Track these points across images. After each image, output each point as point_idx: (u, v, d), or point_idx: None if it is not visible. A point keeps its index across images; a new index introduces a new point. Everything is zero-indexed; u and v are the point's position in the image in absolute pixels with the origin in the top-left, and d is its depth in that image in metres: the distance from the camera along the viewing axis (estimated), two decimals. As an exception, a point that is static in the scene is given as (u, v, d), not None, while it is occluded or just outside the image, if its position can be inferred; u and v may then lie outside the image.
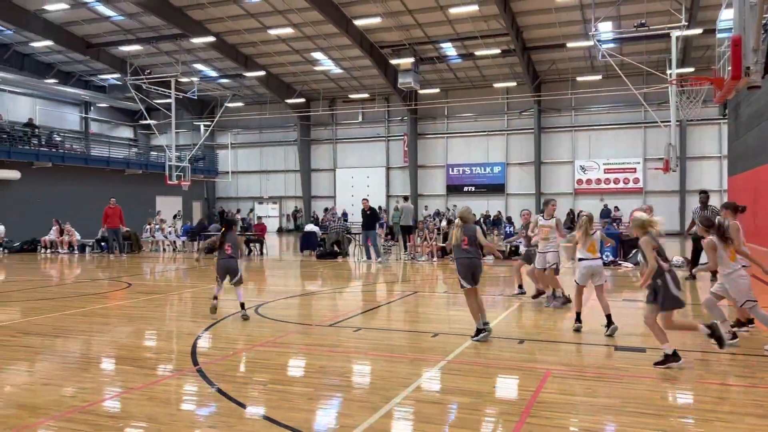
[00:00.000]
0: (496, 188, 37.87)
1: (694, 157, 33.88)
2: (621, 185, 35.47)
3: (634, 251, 16.12)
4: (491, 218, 34.77)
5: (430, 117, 39.12)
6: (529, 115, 36.61)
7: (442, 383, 5.68)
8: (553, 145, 36.76)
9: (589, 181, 36.11)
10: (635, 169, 35.19)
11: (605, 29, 27.77)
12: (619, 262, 16.61)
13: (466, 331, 7.69)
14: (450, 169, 38.85)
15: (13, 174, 29.19)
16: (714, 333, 6.20)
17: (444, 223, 23.95)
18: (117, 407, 5.05)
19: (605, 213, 33.06)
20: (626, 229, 22.51)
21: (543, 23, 29.33)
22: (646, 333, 7.21)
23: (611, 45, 28.94)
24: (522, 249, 11.53)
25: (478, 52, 32.18)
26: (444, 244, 19.37)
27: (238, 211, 40.07)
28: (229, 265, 9.17)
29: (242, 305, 9.07)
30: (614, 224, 28.58)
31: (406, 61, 31.39)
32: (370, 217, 18.72)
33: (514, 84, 35.42)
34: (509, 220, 22.61)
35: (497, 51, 31.66)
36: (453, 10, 27.32)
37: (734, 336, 6.97)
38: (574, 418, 4.67)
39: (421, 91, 35.82)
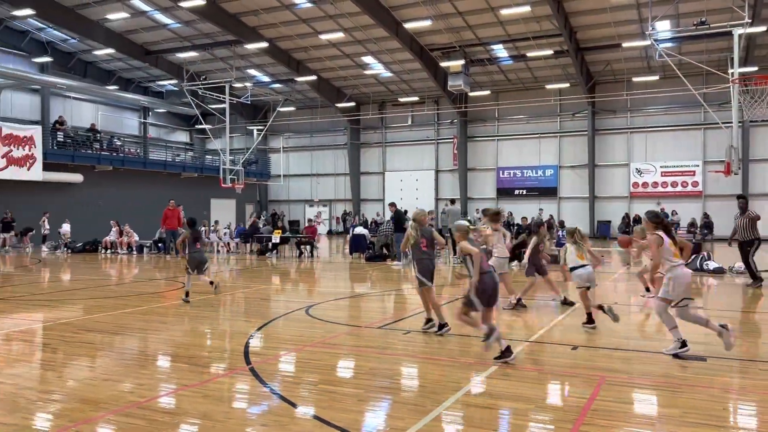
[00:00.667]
0: (548, 191, 37.23)
1: (757, 159, 32.51)
2: (679, 189, 34.32)
3: (692, 257, 15.55)
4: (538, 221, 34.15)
5: (480, 119, 38.80)
6: (583, 117, 35.87)
7: (493, 388, 5.60)
8: (608, 147, 35.90)
9: (645, 185, 35.10)
10: (694, 171, 34.01)
11: (663, 28, 26.94)
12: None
13: (518, 335, 7.57)
14: (500, 172, 38.42)
15: (77, 177, 30.45)
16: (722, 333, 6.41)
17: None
18: (172, 404, 5.18)
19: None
20: (684, 234, 21.78)
21: (597, 23, 28.71)
22: (706, 341, 6.95)
23: (669, 44, 28.06)
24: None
25: (530, 54, 31.74)
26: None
27: (283, 215, 40.70)
28: (200, 258, 10.88)
29: (187, 293, 10.74)
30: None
31: (457, 64, 31.23)
32: (398, 220, 19.13)
33: (567, 85, 34.77)
34: (562, 224, 22.13)
35: (550, 52, 31.16)
36: (504, 12, 27.05)
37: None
38: (631, 427, 4.53)
39: (471, 94, 35.58)
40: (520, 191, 37.91)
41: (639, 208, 34.52)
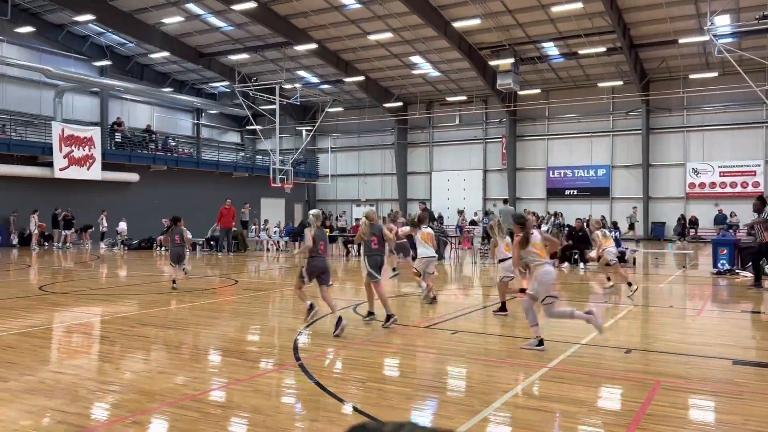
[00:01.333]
0: (600, 192, 36.39)
1: (824, 158, 31.02)
2: (738, 189, 33.01)
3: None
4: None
5: (529, 118, 38.25)
6: (637, 116, 34.92)
7: (543, 390, 5.51)
8: (663, 146, 34.85)
9: (702, 185, 33.92)
10: (755, 171, 32.67)
11: (722, 23, 25.98)
12: (737, 270, 15.47)
13: (569, 338, 7.43)
14: (551, 171, 37.77)
15: (133, 176, 31.46)
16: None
17: (546, 227, 23.31)
18: (224, 397, 5.29)
19: (720, 219, 30.90)
20: (744, 235, 20.94)
21: (652, 19, 27.90)
22: (766, 347, 6.67)
23: (729, 40, 27.02)
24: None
25: (581, 51, 31.11)
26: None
27: (331, 215, 40.98)
28: (179, 252, 12.34)
29: (174, 281, 12.24)
30: (731, 231, 26.61)
31: (506, 62, 30.87)
32: (422, 220, 19.13)
33: (621, 83, 33.92)
34: (615, 225, 21.59)
35: (602, 49, 30.47)
36: (555, 9, 26.59)
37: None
38: (688, 434, 4.39)
39: (520, 92, 35.11)
40: (571, 191, 37.18)
41: (695, 209, 33.42)
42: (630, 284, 11.33)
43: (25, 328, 8.26)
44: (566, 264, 17.76)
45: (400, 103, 39.66)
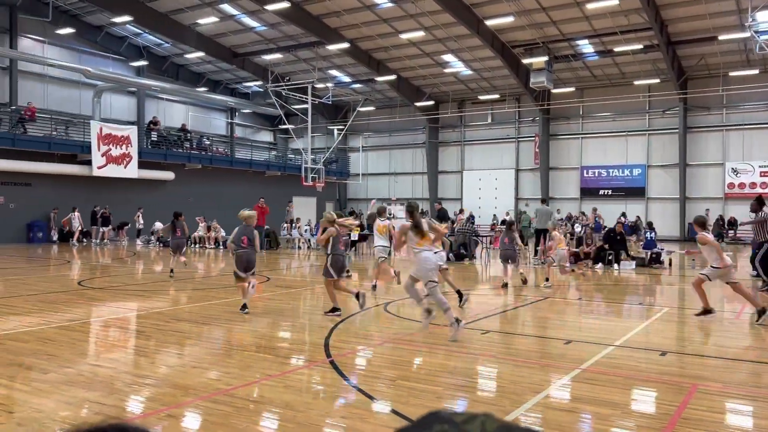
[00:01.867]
0: (636, 192, 35.74)
1: None
2: (780, 189, 32.08)
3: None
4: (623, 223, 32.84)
5: (563, 117, 37.76)
6: (674, 114, 34.19)
7: (575, 392, 5.44)
8: (701, 146, 34.06)
9: (741, 185, 33.04)
10: (798, 171, 31.70)
11: (764, 19, 25.28)
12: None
13: (602, 339, 7.33)
14: (584, 171, 37.23)
15: (168, 175, 32.01)
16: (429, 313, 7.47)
17: (578, 228, 22.99)
18: (256, 392, 5.35)
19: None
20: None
21: (691, 15, 27.28)
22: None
23: (771, 35, 26.29)
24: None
25: (617, 49, 30.59)
26: (577, 249, 18.64)
27: (361, 213, 41.04)
28: (180, 243, 13.88)
29: (172, 270, 13.74)
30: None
31: (539, 60, 30.54)
32: (441, 218, 19.28)
33: (657, 81, 33.25)
34: (650, 225, 21.15)
35: (639, 46, 29.90)
36: (590, 6, 26.19)
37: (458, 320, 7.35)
38: (726, 439, 4.29)
39: (554, 91, 34.68)
40: (605, 191, 36.59)
41: (734, 210, 32.53)
42: (547, 279, 12.78)
43: (64, 321, 8.48)
44: (600, 264, 17.49)
45: (431, 102, 39.55)
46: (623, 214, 30.07)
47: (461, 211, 30.31)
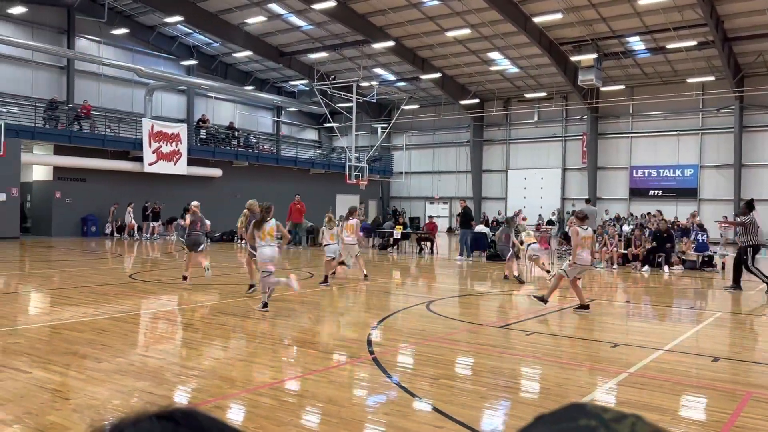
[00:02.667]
0: (687, 192, 34.68)
1: None
2: (843, 192, 30.64)
3: None
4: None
5: (612, 115, 36.91)
6: (729, 113, 33.02)
7: (622, 396, 5.32)
8: (757, 145, 32.79)
9: (801, 187, 31.69)
10: None
11: (828, 13, 24.19)
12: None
13: (651, 343, 7.15)
14: (634, 171, 36.32)
15: (216, 172, 32.67)
16: None
17: (627, 228, 22.43)
18: (300, 387, 5.41)
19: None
20: None
21: (749, 10, 26.27)
22: None
23: (835, 30, 25.13)
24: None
25: (669, 46, 29.71)
26: (626, 251, 18.21)
27: (403, 211, 41.08)
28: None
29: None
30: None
31: (588, 58, 29.96)
32: (464, 216, 19.21)
33: (712, 79, 32.16)
34: (701, 227, 20.49)
35: (693, 43, 28.97)
36: (642, 2, 25.52)
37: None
38: (782, 450, 4.13)
39: (603, 89, 33.92)
40: (655, 192, 35.63)
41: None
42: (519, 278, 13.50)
43: (116, 313, 8.76)
44: (646, 267, 17.05)
45: (476, 100, 39.21)
46: (693, 214, 29.11)
47: (519, 212, 30.09)
